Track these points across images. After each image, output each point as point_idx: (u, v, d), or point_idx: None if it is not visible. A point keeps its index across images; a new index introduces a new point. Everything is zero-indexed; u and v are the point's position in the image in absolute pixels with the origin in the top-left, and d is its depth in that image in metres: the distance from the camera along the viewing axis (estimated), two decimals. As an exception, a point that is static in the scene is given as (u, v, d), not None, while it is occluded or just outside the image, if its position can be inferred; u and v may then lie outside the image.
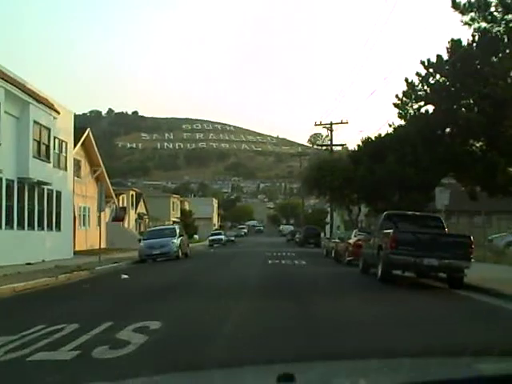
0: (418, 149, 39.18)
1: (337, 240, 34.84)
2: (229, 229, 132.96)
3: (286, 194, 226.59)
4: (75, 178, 44.34)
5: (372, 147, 42.11)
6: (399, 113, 44.10)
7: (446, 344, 7.71)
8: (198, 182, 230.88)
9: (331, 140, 56.83)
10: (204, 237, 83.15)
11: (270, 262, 30.55)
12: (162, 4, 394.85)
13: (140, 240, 36.20)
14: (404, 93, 43.76)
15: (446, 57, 37.45)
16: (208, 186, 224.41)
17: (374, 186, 40.29)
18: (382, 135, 42.50)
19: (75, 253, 39.97)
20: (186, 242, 38.62)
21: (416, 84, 43.70)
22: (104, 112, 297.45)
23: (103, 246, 50.87)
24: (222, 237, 74.32)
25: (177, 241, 35.48)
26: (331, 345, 7.86)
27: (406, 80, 43.18)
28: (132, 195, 64.41)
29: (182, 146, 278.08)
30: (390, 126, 42.69)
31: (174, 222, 62.80)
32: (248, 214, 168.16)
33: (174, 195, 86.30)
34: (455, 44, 39.64)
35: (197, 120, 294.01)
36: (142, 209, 75.17)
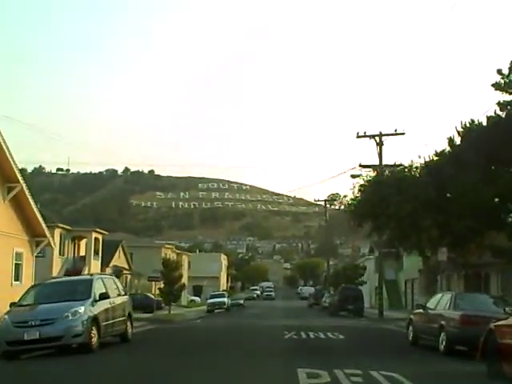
0: None
1: (458, 313, 14.08)
2: (239, 290, 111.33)
3: (304, 253, 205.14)
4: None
5: (484, 138, 21.62)
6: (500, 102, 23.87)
7: None
8: (212, 242, 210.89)
9: (380, 157, 36.48)
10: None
11: (303, 380, 9.67)
12: (175, 65, 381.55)
13: (11, 305, 15.63)
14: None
15: None
16: (222, 245, 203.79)
17: (493, 204, 19.72)
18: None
19: None
20: (122, 310, 17.81)
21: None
22: (120, 171, 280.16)
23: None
24: (225, 300, 53.35)
25: (87, 309, 15.01)
26: None
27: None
28: (96, 239, 43.74)
29: (197, 205, 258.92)
30: (489, 119, 22.46)
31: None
32: (262, 275, 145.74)
33: (167, 245, 65.55)
34: None
35: (213, 179, 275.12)
36: (121, 261, 54.54)
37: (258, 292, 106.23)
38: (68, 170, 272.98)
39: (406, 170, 26.43)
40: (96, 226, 64.44)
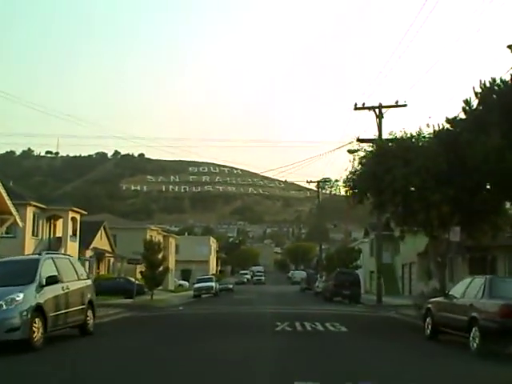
0: None
1: (497, 302, 10.95)
2: (229, 274, 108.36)
3: (295, 237, 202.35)
4: None
5: (508, 98, 18.52)
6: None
7: None
8: (203, 226, 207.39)
9: (380, 131, 33.58)
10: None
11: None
12: (176, 53, 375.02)
13: None
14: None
15: None
16: (213, 229, 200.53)
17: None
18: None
19: None
20: (80, 297, 14.65)
21: None
22: (110, 154, 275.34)
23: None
24: (213, 284, 50.33)
25: (28, 296, 11.93)
26: None
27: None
28: (73, 219, 40.42)
29: (187, 189, 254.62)
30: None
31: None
32: (253, 259, 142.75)
33: (153, 227, 62.23)
34: None
35: (203, 163, 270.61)
36: (103, 244, 51.34)
37: (248, 276, 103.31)
38: (57, 153, 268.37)
39: (414, 139, 23.27)
40: (86, 210, 60.97)
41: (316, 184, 69.06)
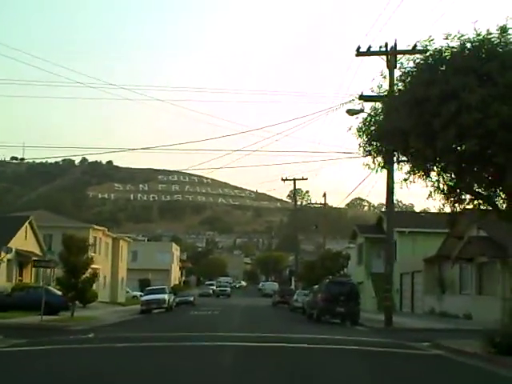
0: None
1: None
2: (194, 285, 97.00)
3: (265, 247, 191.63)
4: None
5: None
6: None
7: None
8: (171, 236, 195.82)
9: (392, 83, 23.37)
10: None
11: None
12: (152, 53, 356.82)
13: None
14: None
15: None
16: (181, 239, 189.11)
17: None
18: None
19: None
20: None
21: None
22: (77, 161, 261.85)
23: None
24: (165, 296, 39.28)
25: None
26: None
27: None
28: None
29: (156, 198, 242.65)
30: None
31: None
32: (221, 269, 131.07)
33: (97, 227, 50.59)
34: None
35: (173, 171, 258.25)
36: (29, 244, 40.00)
37: (214, 287, 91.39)
38: (23, 159, 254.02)
39: (495, 40, 12.72)
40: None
41: (293, 181, 58.74)
